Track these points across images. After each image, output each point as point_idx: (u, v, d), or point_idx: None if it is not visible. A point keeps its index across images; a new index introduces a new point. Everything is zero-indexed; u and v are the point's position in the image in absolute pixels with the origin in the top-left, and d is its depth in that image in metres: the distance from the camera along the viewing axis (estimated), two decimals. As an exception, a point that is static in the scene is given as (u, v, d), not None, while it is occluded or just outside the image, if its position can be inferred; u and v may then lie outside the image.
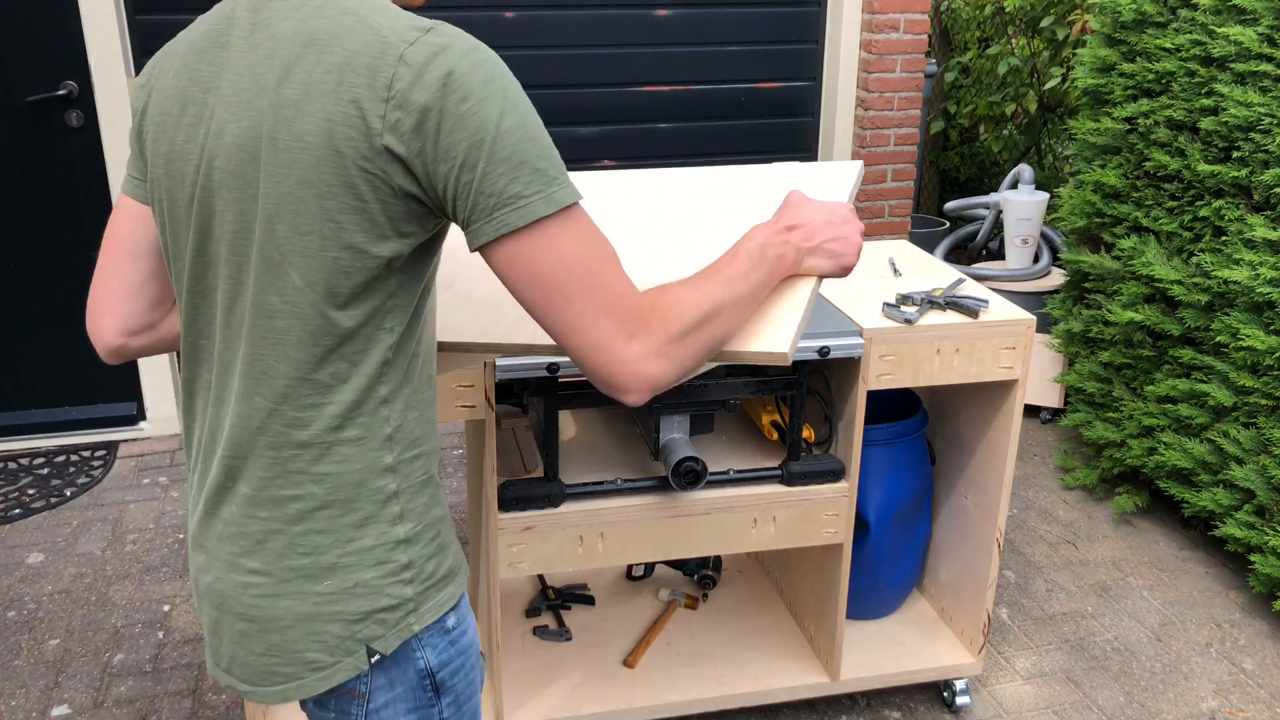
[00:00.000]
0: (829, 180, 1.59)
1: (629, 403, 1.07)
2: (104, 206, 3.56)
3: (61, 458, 3.63)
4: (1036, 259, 4.36)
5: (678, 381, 1.10)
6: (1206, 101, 2.91)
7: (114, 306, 1.26)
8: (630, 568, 2.77)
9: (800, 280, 1.28)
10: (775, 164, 1.84)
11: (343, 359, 1.09)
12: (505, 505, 2.06)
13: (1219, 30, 2.85)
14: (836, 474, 2.21)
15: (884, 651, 2.49)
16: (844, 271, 1.29)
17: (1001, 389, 2.31)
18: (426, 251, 1.11)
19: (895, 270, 2.48)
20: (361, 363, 1.10)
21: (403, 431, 1.15)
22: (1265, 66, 2.73)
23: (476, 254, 1.39)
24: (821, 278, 1.30)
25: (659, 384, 1.07)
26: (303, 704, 1.24)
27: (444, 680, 1.21)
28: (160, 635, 2.74)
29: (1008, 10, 5.36)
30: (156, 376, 3.73)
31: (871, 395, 2.65)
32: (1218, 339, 2.89)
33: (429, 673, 1.20)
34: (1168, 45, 3.03)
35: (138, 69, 3.52)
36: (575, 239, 1.04)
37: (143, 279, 1.26)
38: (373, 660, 1.16)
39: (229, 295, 1.11)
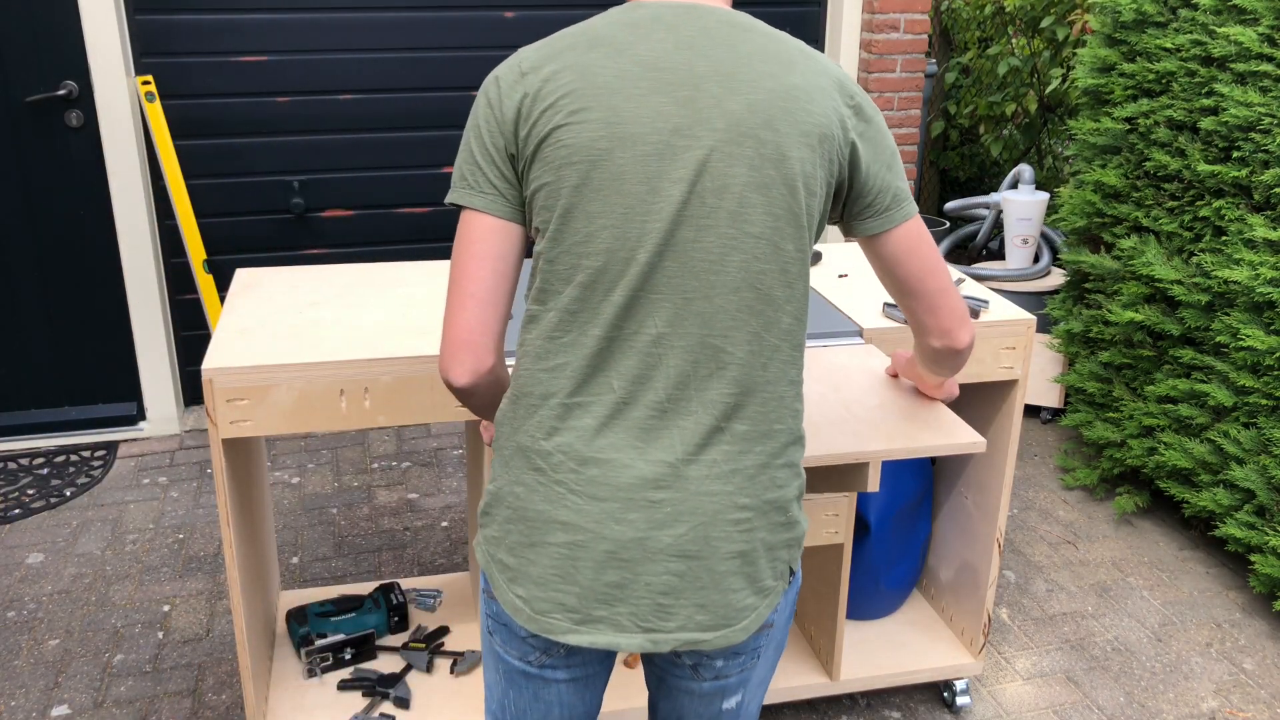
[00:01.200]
0: None
1: (963, 339, 1.50)
2: (104, 206, 3.56)
3: (61, 458, 3.63)
4: (1036, 259, 4.36)
5: (973, 343, 1.53)
6: (1207, 101, 2.91)
7: (498, 327, 1.31)
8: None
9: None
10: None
11: (807, 304, 1.34)
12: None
13: (1219, 30, 2.85)
14: (837, 474, 2.21)
15: (884, 651, 2.49)
16: (951, 390, 1.90)
17: (1002, 389, 2.31)
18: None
19: (895, 270, 2.48)
20: (804, 310, 1.33)
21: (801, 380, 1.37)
22: (1265, 66, 2.72)
23: None
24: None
25: (970, 342, 1.54)
26: (695, 666, 1.36)
27: (800, 593, 1.43)
28: (160, 635, 2.74)
29: (1008, 10, 5.36)
30: (156, 377, 3.73)
31: (871, 395, 2.65)
32: (1218, 339, 2.89)
33: (799, 590, 1.42)
34: (1168, 45, 3.03)
35: (138, 69, 3.52)
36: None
37: (509, 302, 1.33)
38: (790, 581, 1.34)
39: (725, 243, 1.25)
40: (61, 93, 3.42)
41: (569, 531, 1.25)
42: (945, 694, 2.52)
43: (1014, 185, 4.46)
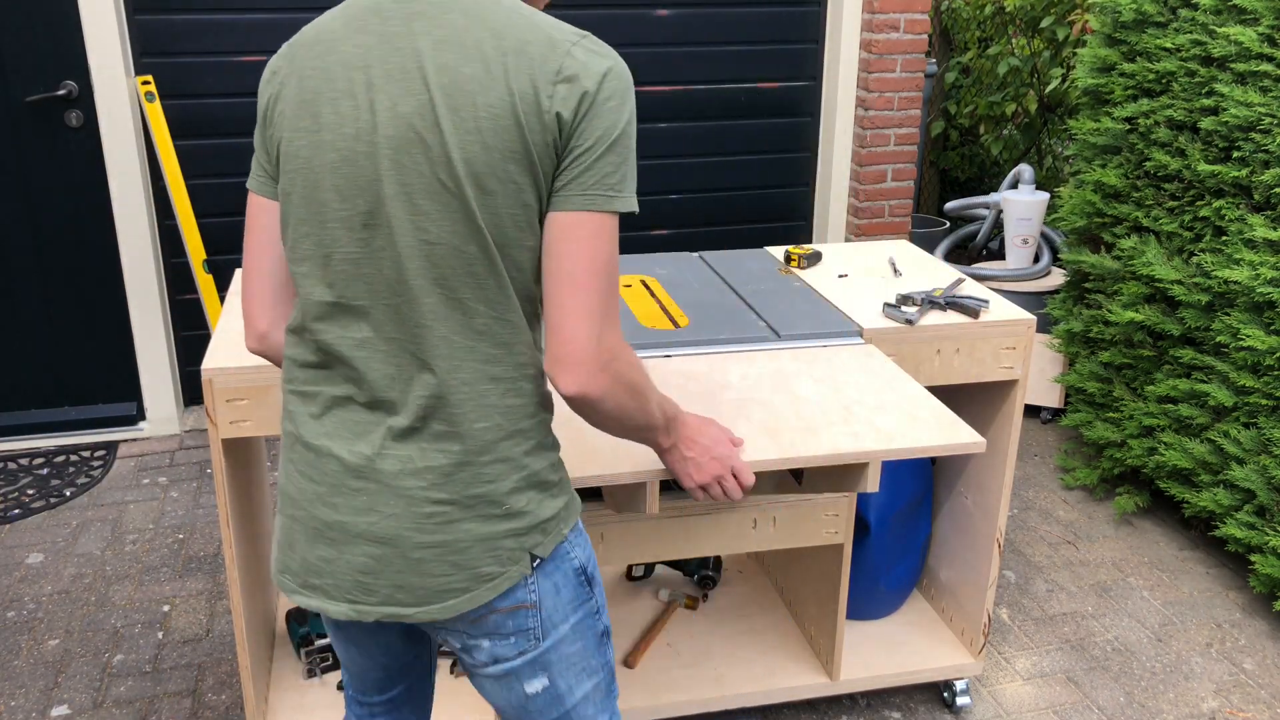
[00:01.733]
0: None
1: (560, 385, 1.28)
2: (104, 206, 3.56)
3: (61, 458, 3.63)
4: (1036, 259, 4.36)
5: (589, 397, 1.30)
6: (1207, 101, 2.91)
7: (268, 296, 1.43)
8: (630, 568, 2.77)
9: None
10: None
11: (519, 302, 1.30)
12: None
13: (1219, 30, 2.85)
14: (837, 474, 2.21)
15: (884, 652, 2.49)
16: (681, 477, 1.58)
17: (1002, 389, 2.31)
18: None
19: (895, 270, 2.48)
20: (526, 307, 1.31)
21: (543, 375, 1.35)
22: (1265, 66, 2.72)
23: None
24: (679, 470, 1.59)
25: (589, 386, 1.28)
26: (461, 644, 1.40)
27: (591, 573, 1.42)
28: (160, 635, 2.74)
29: (1008, 10, 5.36)
30: (156, 377, 3.73)
31: (871, 395, 2.65)
32: (1218, 339, 2.89)
33: (581, 568, 1.41)
34: (1168, 45, 3.03)
35: (138, 69, 3.52)
36: (614, 240, 1.28)
37: (286, 271, 1.42)
38: (535, 564, 1.35)
39: (411, 248, 1.26)
40: (61, 93, 3.42)
41: (294, 506, 1.37)
42: (945, 694, 2.52)
43: (1014, 185, 4.46)
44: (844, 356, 2.10)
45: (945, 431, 1.83)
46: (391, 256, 1.27)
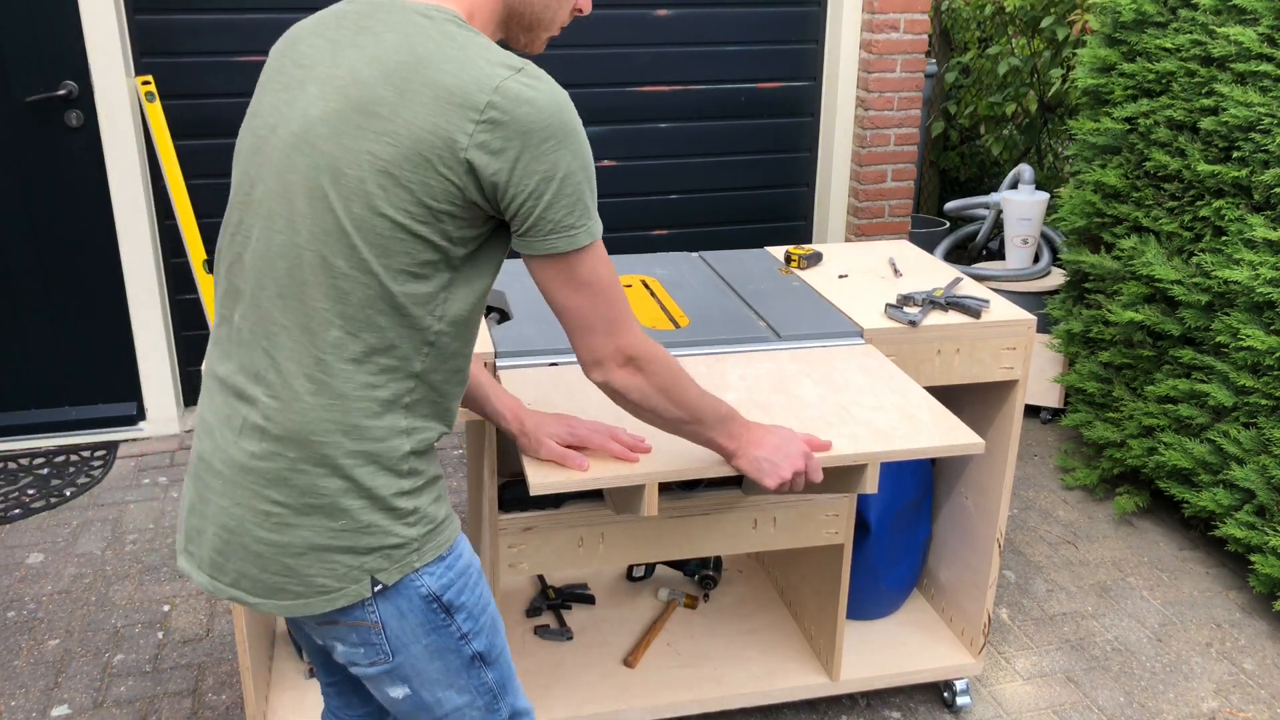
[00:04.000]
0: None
1: (592, 380, 1.39)
2: (104, 206, 3.56)
3: (61, 458, 3.63)
4: (1036, 259, 4.36)
5: (611, 388, 1.40)
6: (1206, 101, 2.91)
7: None
8: (630, 568, 2.77)
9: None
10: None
11: (390, 327, 1.26)
12: (505, 506, 2.06)
13: (1219, 30, 2.85)
14: (837, 474, 2.21)
15: (884, 651, 2.49)
16: (760, 477, 1.60)
17: (1002, 389, 2.31)
18: (478, 262, 1.31)
19: (895, 270, 2.48)
20: (405, 334, 1.27)
21: (421, 405, 1.33)
22: (1265, 66, 2.72)
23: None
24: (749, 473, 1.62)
25: (609, 380, 1.39)
26: (321, 642, 1.40)
27: (451, 600, 1.37)
28: (160, 635, 2.74)
29: (1008, 10, 5.36)
30: (156, 377, 3.73)
31: (871, 395, 2.65)
32: (1218, 339, 2.89)
33: (434, 596, 1.35)
34: (1168, 45, 3.03)
35: (138, 69, 3.52)
36: (594, 261, 1.30)
37: None
38: (375, 590, 1.31)
39: (280, 246, 1.26)
40: (61, 93, 3.42)
41: (189, 475, 1.40)
42: (945, 694, 2.52)
43: (1014, 185, 4.46)
44: (843, 357, 2.10)
45: (944, 433, 1.83)
46: (260, 248, 1.28)
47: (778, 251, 2.65)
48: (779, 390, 1.96)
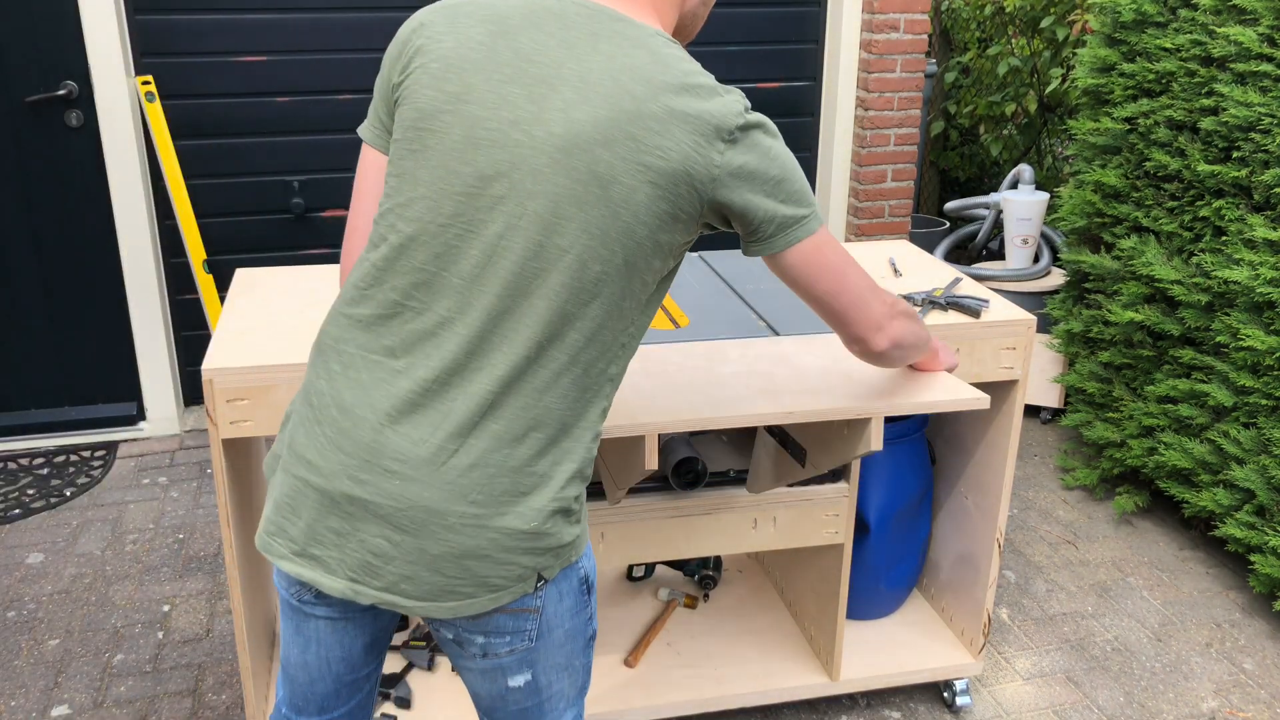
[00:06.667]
0: None
1: (875, 356, 1.56)
2: (104, 206, 3.56)
3: (61, 458, 3.63)
4: (1036, 259, 4.36)
5: (873, 354, 1.56)
6: (1206, 101, 2.91)
7: None
8: (630, 568, 2.77)
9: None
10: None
11: (610, 326, 1.32)
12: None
13: (1219, 30, 2.85)
14: (836, 474, 2.21)
15: (884, 651, 2.49)
16: (944, 356, 1.91)
17: (1002, 389, 2.31)
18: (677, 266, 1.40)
19: (895, 270, 2.48)
20: (614, 336, 1.33)
21: (605, 411, 1.38)
22: (1265, 66, 2.72)
23: None
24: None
25: (874, 347, 1.54)
26: (452, 635, 1.39)
27: (593, 581, 1.45)
28: (160, 635, 2.74)
29: (1008, 10, 5.36)
30: (156, 377, 3.73)
31: (871, 395, 2.65)
32: (1218, 339, 2.89)
33: (585, 578, 1.42)
34: (1168, 45, 3.03)
35: (138, 69, 3.52)
36: (825, 248, 1.41)
37: None
38: (539, 586, 1.34)
39: (518, 241, 1.26)
40: (61, 93, 3.42)
41: (310, 470, 1.31)
42: (945, 694, 2.52)
43: (1014, 185, 4.46)
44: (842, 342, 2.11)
45: (948, 390, 1.85)
46: (506, 247, 1.26)
47: (778, 251, 2.65)
48: (780, 363, 1.96)
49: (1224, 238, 2.90)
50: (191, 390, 3.90)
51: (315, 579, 1.32)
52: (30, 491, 3.41)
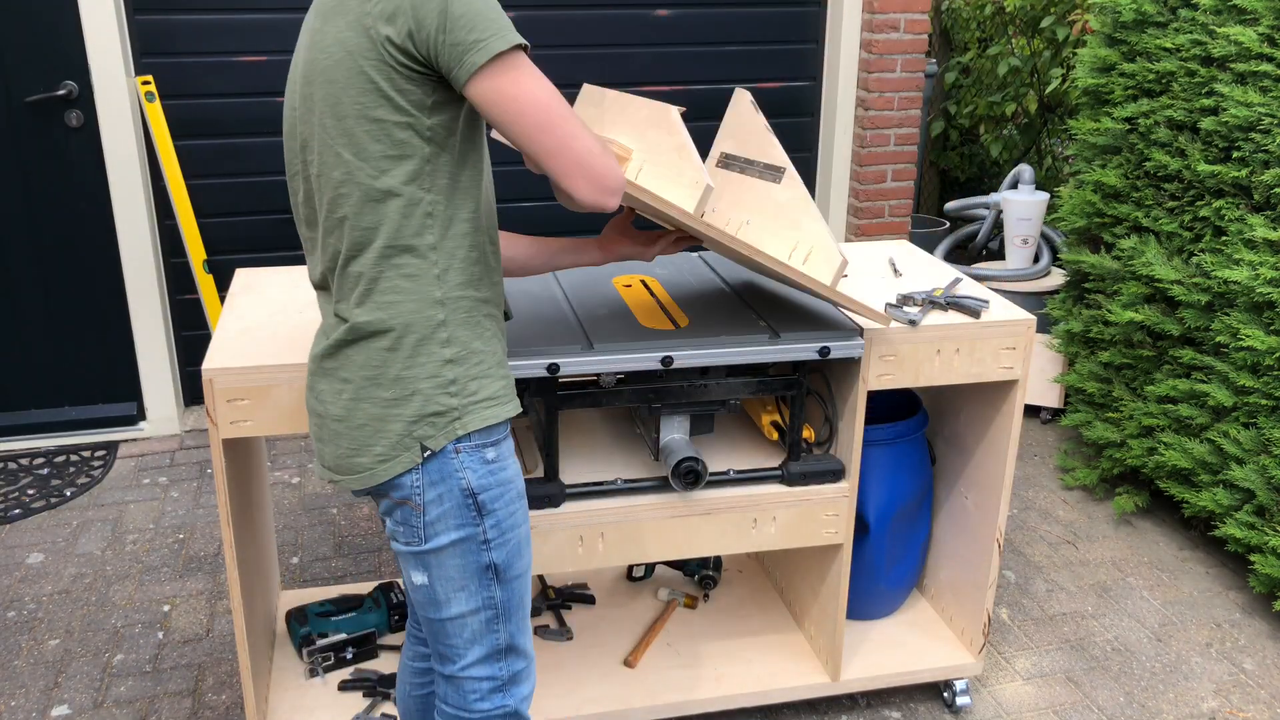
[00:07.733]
0: None
1: (611, 206, 1.41)
2: (104, 206, 3.56)
3: (61, 458, 3.63)
4: (1036, 259, 4.36)
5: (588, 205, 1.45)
6: (1207, 101, 2.91)
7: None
8: (630, 568, 2.77)
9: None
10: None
11: (392, 214, 1.44)
12: (505, 505, 2.06)
13: (1219, 30, 2.85)
14: (837, 474, 2.21)
15: (884, 651, 2.49)
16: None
17: (1001, 389, 2.31)
18: (449, 127, 1.44)
19: (895, 270, 2.48)
20: (404, 217, 1.44)
21: (450, 274, 1.48)
22: (1265, 66, 2.72)
23: None
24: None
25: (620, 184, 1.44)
26: (381, 516, 1.58)
27: (485, 503, 1.53)
28: (160, 635, 2.74)
29: (1008, 10, 5.36)
30: (156, 377, 3.73)
31: (871, 395, 2.65)
32: (1218, 339, 2.89)
33: (470, 492, 1.51)
34: (1168, 45, 3.03)
35: (138, 69, 3.52)
36: (520, 77, 1.38)
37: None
38: (425, 455, 1.48)
39: (316, 170, 1.48)
40: (61, 93, 3.42)
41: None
42: (945, 694, 2.52)
43: (1014, 185, 4.46)
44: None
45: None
46: (305, 185, 1.52)
47: (778, 251, 2.65)
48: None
49: (1224, 238, 2.90)
50: (191, 390, 3.90)
51: (317, 466, 1.63)
52: (30, 491, 3.41)
